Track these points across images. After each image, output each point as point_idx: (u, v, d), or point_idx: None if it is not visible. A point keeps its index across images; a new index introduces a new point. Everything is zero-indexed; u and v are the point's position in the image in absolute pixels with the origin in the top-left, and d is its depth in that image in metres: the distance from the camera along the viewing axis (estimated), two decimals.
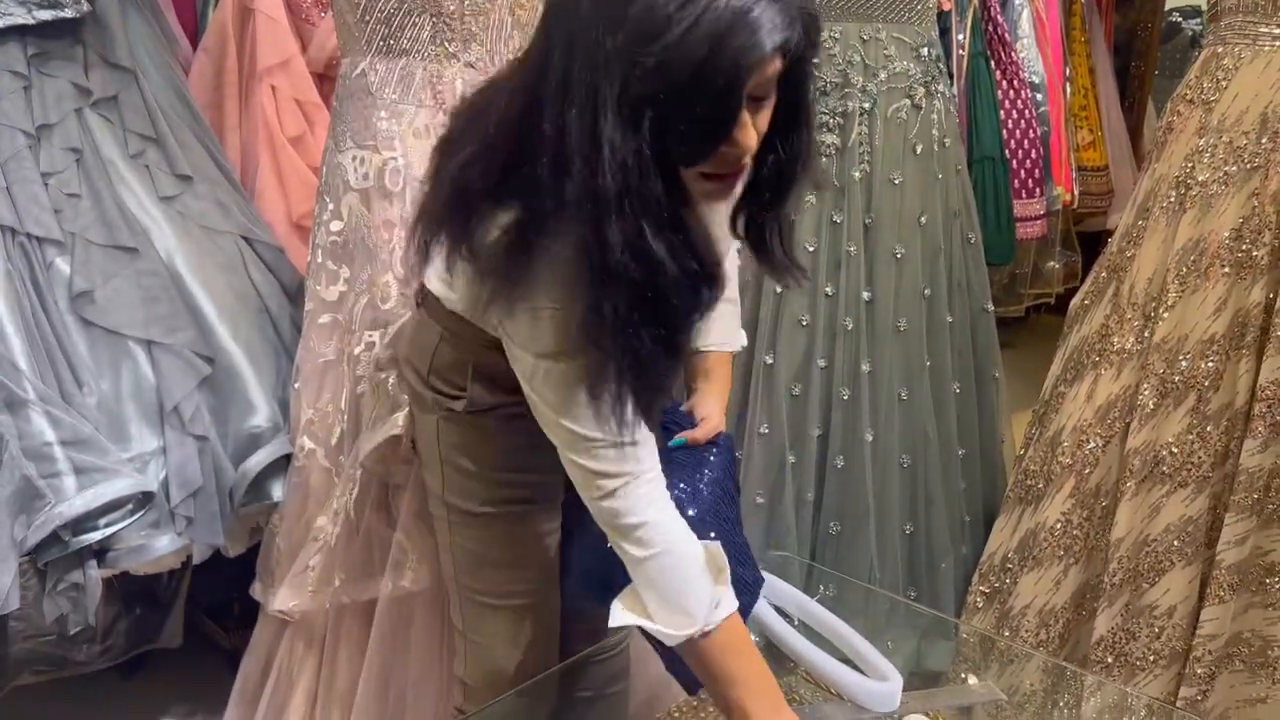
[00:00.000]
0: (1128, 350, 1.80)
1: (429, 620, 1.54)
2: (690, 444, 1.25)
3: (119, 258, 1.61)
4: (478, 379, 1.19)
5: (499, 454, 1.23)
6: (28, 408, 1.46)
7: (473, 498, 1.25)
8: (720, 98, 0.88)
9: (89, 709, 2.08)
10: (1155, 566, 1.73)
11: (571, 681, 1.43)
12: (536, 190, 0.93)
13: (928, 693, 1.35)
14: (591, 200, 0.89)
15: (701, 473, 1.19)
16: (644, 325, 0.95)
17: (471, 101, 1.11)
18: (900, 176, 1.98)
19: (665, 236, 0.91)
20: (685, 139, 0.90)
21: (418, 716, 1.56)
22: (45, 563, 1.49)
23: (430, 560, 1.50)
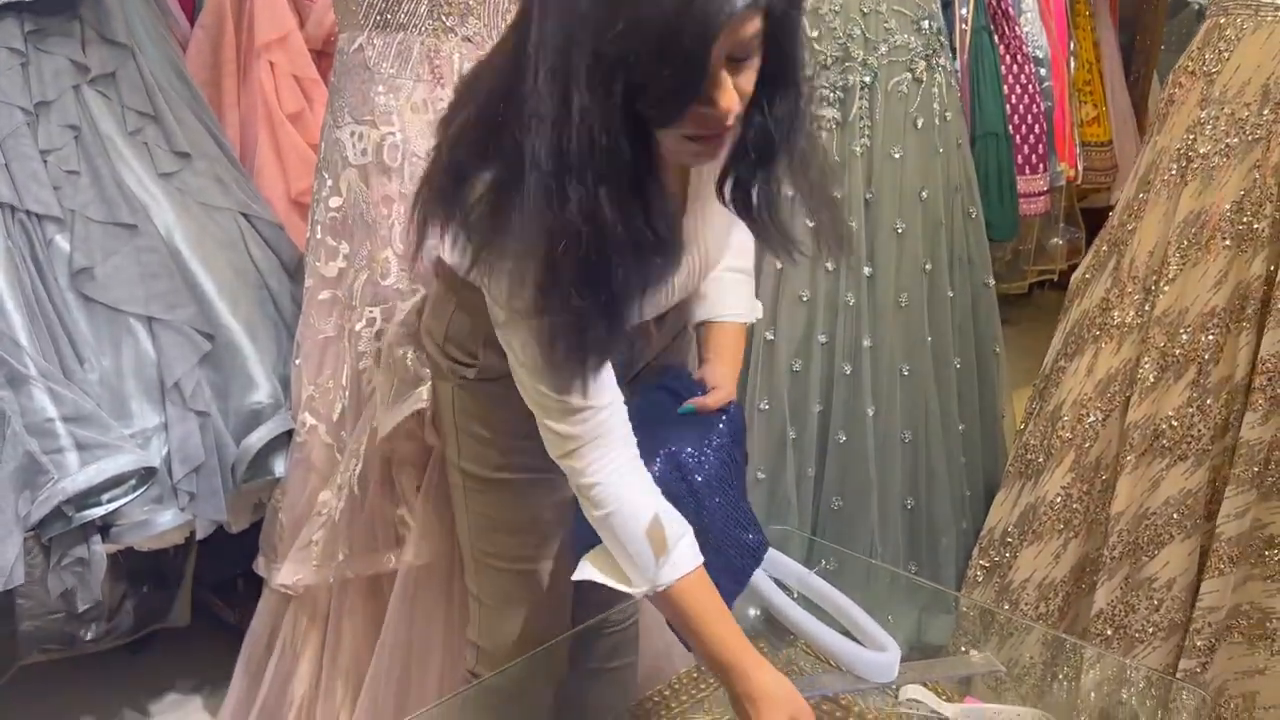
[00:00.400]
0: (1128, 324, 1.80)
1: (435, 593, 1.55)
2: (700, 411, 1.25)
3: (118, 234, 1.61)
4: (490, 346, 1.20)
5: (511, 420, 1.24)
6: (29, 384, 1.47)
7: (487, 464, 1.28)
8: (690, 57, 0.88)
9: (96, 685, 2.10)
10: (1154, 539, 1.74)
11: (581, 654, 1.44)
12: (514, 152, 0.94)
13: (926, 663, 1.36)
14: (555, 159, 0.90)
15: (710, 439, 1.20)
16: (590, 288, 0.96)
17: (468, 75, 1.12)
18: (901, 151, 1.97)
19: (622, 201, 0.92)
20: (658, 100, 0.90)
21: (424, 689, 1.57)
22: (50, 538, 1.50)
23: (433, 535, 1.51)
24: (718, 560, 1.15)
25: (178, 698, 2.12)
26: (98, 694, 2.09)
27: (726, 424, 1.25)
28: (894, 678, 1.26)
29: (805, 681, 1.32)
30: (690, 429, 1.22)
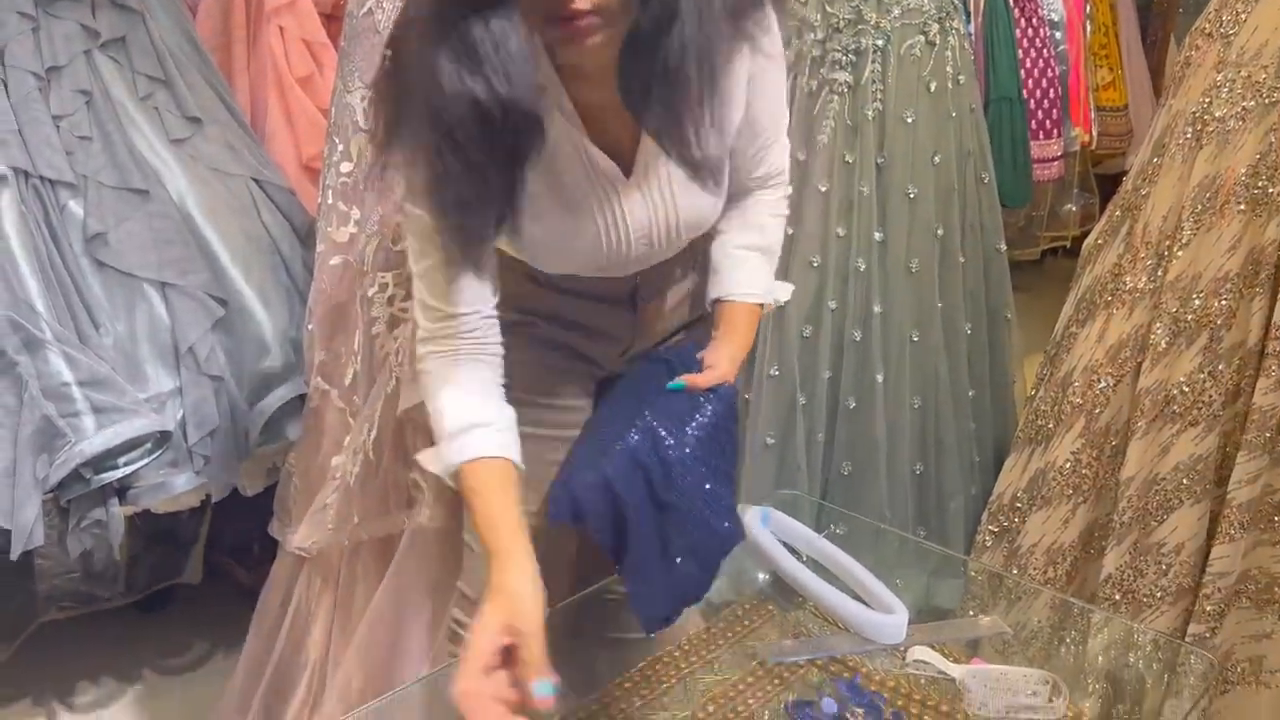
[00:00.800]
0: (1140, 289, 1.79)
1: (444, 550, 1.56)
2: (689, 388, 1.21)
3: (131, 200, 1.62)
4: None
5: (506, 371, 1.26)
6: (45, 348, 1.48)
7: None
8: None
9: (113, 644, 2.14)
10: (1164, 505, 1.74)
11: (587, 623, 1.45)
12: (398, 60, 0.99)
13: (934, 626, 1.37)
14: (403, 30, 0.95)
15: (692, 418, 1.17)
16: (451, 170, 0.98)
17: None
18: (913, 115, 1.96)
19: (466, 67, 0.94)
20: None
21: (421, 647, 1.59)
22: (68, 500, 1.52)
23: (445, 498, 1.53)
24: (681, 542, 1.12)
25: (193, 658, 2.16)
26: (114, 652, 2.13)
27: (714, 405, 1.21)
28: (902, 639, 1.27)
29: (813, 643, 1.34)
30: (675, 404, 1.19)
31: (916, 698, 1.23)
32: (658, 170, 1.13)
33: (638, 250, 1.19)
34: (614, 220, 1.14)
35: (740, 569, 1.54)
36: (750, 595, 1.46)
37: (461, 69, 0.94)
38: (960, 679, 1.22)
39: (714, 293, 1.28)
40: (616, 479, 1.08)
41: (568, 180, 1.11)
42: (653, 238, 1.18)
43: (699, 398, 1.21)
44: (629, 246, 1.17)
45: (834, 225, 1.97)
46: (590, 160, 1.10)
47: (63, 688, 2.04)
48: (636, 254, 1.19)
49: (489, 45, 0.94)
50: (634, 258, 1.20)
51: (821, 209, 1.97)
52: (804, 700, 1.19)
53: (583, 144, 1.09)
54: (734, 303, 1.27)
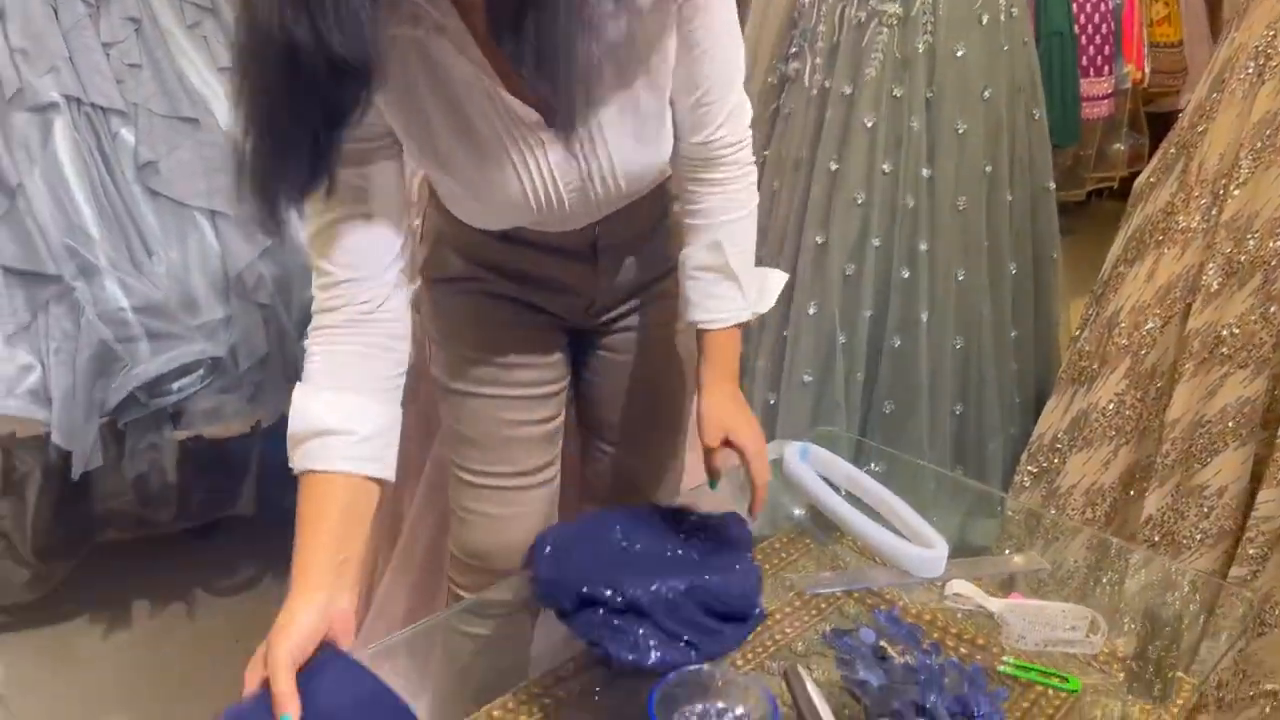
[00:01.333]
0: (1193, 229, 1.76)
1: None
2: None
3: (180, 128, 1.63)
4: (431, 258, 1.22)
5: (453, 328, 1.24)
6: (101, 275, 1.51)
7: (443, 371, 1.27)
8: None
9: (165, 565, 2.21)
10: (1209, 447, 1.73)
11: None
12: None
13: (972, 561, 1.38)
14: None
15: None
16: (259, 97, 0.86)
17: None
18: (964, 48, 1.92)
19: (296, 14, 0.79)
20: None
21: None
22: (124, 424, 1.56)
23: None
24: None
25: (243, 580, 2.22)
26: (167, 573, 2.19)
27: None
28: (940, 574, 1.28)
29: (851, 575, 1.36)
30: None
31: (953, 630, 1.24)
32: (584, 117, 1.01)
33: (573, 204, 1.10)
34: (538, 172, 1.05)
35: (777, 503, 1.56)
36: (787, 529, 1.47)
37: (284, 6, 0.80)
38: (999, 613, 1.23)
39: (687, 315, 1.23)
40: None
41: (483, 130, 1.02)
42: (586, 191, 1.10)
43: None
44: (560, 201, 1.09)
45: (880, 161, 1.95)
46: (505, 107, 1.00)
47: (117, 605, 2.12)
48: (573, 208, 1.11)
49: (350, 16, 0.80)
50: (572, 212, 1.12)
51: (867, 144, 1.95)
52: (841, 630, 1.20)
53: (495, 91, 0.99)
54: (708, 331, 1.22)
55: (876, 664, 1.09)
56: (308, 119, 0.86)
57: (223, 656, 2.00)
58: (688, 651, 1.03)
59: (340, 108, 0.87)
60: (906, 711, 0.99)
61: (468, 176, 1.06)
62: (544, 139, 1.03)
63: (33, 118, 1.53)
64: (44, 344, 1.52)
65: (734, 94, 1.14)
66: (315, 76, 0.82)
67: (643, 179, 1.15)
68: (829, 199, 1.99)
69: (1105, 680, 1.17)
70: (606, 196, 1.12)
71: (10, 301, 1.52)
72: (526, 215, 1.11)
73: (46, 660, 1.99)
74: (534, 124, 1.01)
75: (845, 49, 1.93)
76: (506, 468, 1.28)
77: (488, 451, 1.27)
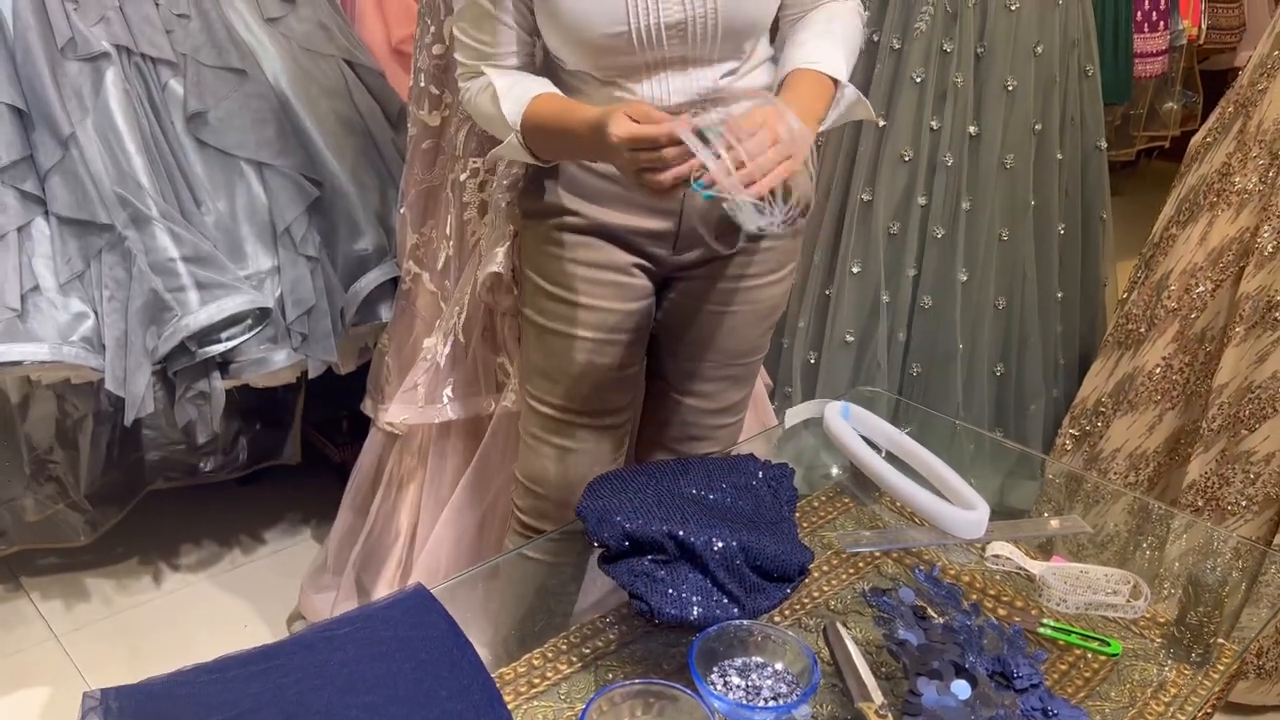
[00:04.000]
0: (1249, 190, 1.72)
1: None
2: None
3: (228, 79, 1.64)
4: (528, 189, 1.27)
5: (540, 263, 1.29)
6: (152, 224, 1.53)
7: (531, 306, 1.33)
8: None
9: (211, 513, 2.26)
10: (1257, 413, 1.71)
11: None
12: None
13: (1013, 523, 1.37)
14: None
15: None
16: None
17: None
18: (1017, 2, 1.87)
19: None
20: None
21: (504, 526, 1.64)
22: (174, 372, 1.59)
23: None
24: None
25: (287, 527, 2.27)
26: (213, 520, 2.24)
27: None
28: (981, 535, 1.28)
29: (890, 534, 1.36)
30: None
31: (992, 592, 1.25)
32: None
33: (669, 32, 1.12)
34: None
35: (815, 462, 1.56)
36: (826, 488, 1.47)
37: None
38: (1040, 575, 1.23)
39: (782, 69, 1.19)
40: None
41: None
42: (686, 17, 1.12)
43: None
44: (658, 21, 1.11)
45: (928, 117, 1.92)
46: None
47: (166, 550, 2.17)
48: (669, 37, 1.13)
49: None
50: (666, 41, 1.13)
51: (916, 100, 1.92)
52: (880, 589, 1.21)
53: None
54: (798, 70, 1.16)
55: (916, 623, 1.09)
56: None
57: (267, 598, 2.05)
58: (730, 608, 1.05)
59: None
60: (946, 671, 0.99)
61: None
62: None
63: (84, 67, 1.55)
64: (97, 292, 1.54)
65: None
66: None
67: (739, 19, 1.15)
68: (876, 156, 1.96)
69: (1143, 644, 1.16)
70: (702, 33, 1.14)
71: (64, 250, 1.54)
72: (619, 35, 1.13)
73: (99, 602, 2.05)
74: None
75: (895, 2, 1.90)
76: (569, 402, 1.34)
77: (557, 385, 1.34)
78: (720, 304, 1.35)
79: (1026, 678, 1.02)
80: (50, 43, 1.53)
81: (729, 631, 1.04)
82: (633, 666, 1.09)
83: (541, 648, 1.12)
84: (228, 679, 0.91)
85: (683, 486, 1.17)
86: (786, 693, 1.01)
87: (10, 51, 1.53)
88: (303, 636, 0.98)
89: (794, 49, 1.20)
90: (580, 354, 1.30)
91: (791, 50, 1.21)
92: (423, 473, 1.69)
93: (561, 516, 1.38)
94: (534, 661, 1.10)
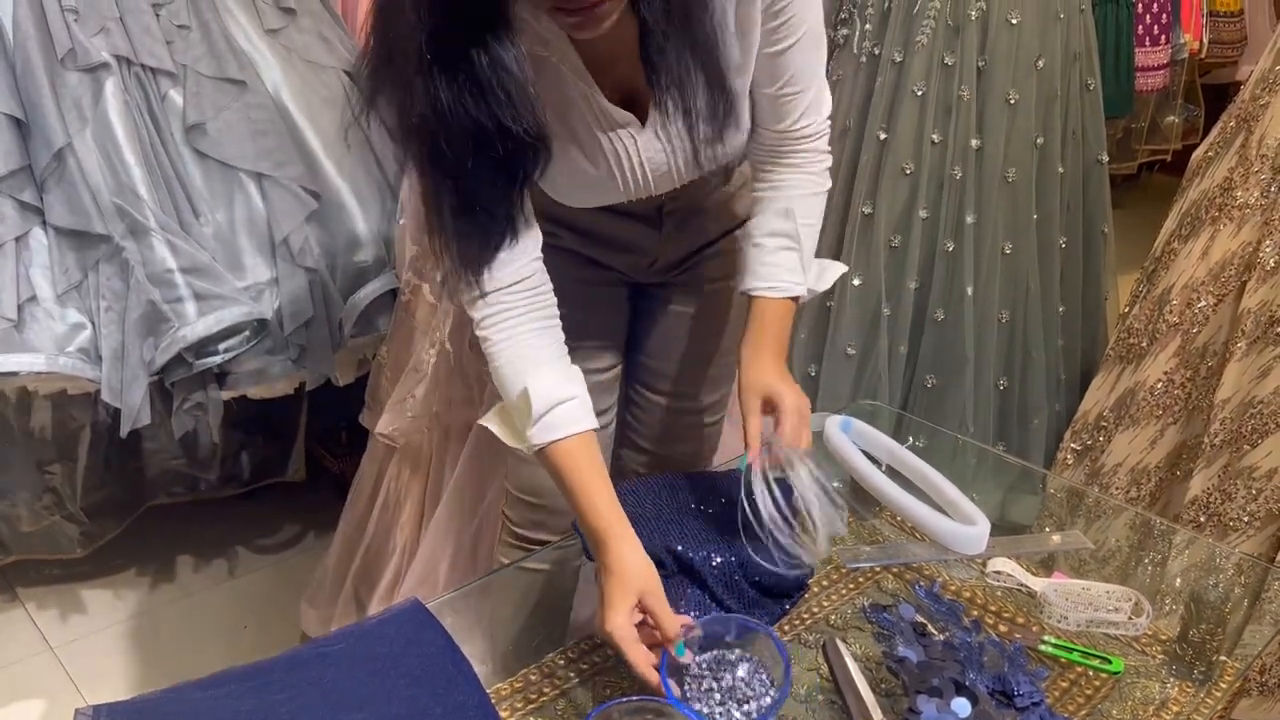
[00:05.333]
0: (1251, 205, 1.72)
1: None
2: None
3: (228, 90, 1.64)
4: None
5: None
6: (150, 235, 1.53)
7: None
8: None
9: (209, 525, 2.25)
10: (1259, 429, 1.70)
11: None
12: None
13: (1014, 539, 1.37)
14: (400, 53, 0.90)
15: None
16: (445, 177, 0.96)
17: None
18: (1019, 16, 1.87)
19: (460, 88, 0.90)
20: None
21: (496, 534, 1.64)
22: (171, 383, 1.58)
23: None
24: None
25: (286, 539, 2.26)
26: (213, 532, 2.24)
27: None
28: (982, 551, 1.27)
29: (891, 550, 1.35)
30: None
31: (993, 608, 1.23)
32: (673, 115, 1.06)
33: (660, 185, 1.17)
34: (631, 165, 1.12)
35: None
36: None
37: (463, 98, 0.90)
38: (1041, 591, 1.22)
39: (742, 285, 1.22)
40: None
41: (581, 131, 1.09)
42: (673, 173, 1.16)
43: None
44: (649, 184, 1.16)
45: (929, 131, 1.91)
46: (602, 112, 1.08)
47: (164, 562, 2.16)
48: (659, 187, 1.18)
49: (488, 72, 0.90)
50: (657, 190, 1.18)
51: (917, 113, 1.92)
52: (880, 605, 1.20)
53: (594, 98, 1.07)
54: (762, 299, 1.20)
55: (916, 640, 1.08)
56: (500, 188, 0.99)
57: (265, 611, 2.04)
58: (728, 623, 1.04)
59: (528, 170, 1.00)
60: (946, 689, 0.98)
61: (563, 167, 1.11)
62: (635, 135, 1.11)
63: (84, 78, 1.54)
64: (94, 303, 1.54)
65: (815, 85, 1.17)
66: (500, 152, 0.94)
67: (723, 159, 1.18)
68: (877, 168, 1.96)
69: (1145, 662, 1.15)
70: (689, 173, 1.18)
71: (61, 260, 1.54)
72: (615, 199, 1.18)
73: (95, 614, 2.04)
74: (628, 123, 1.09)
75: (896, 15, 1.90)
76: None
77: None
78: (693, 305, 1.36)
79: (1027, 695, 1.01)
80: (50, 53, 1.53)
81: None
82: (630, 683, 1.08)
83: (538, 663, 1.11)
84: (221, 695, 0.90)
85: (680, 500, 1.16)
86: (760, 692, 0.99)
87: (10, 61, 1.53)
88: (297, 653, 0.97)
89: (755, 259, 1.20)
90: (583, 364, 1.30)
91: (753, 258, 1.20)
92: (422, 485, 1.69)
93: (553, 524, 1.38)
94: (531, 677, 1.09)
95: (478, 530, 1.66)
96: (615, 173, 1.13)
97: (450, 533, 1.65)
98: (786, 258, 1.20)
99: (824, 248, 2.05)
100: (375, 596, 1.74)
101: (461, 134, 0.93)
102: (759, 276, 1.19)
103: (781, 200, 1.20)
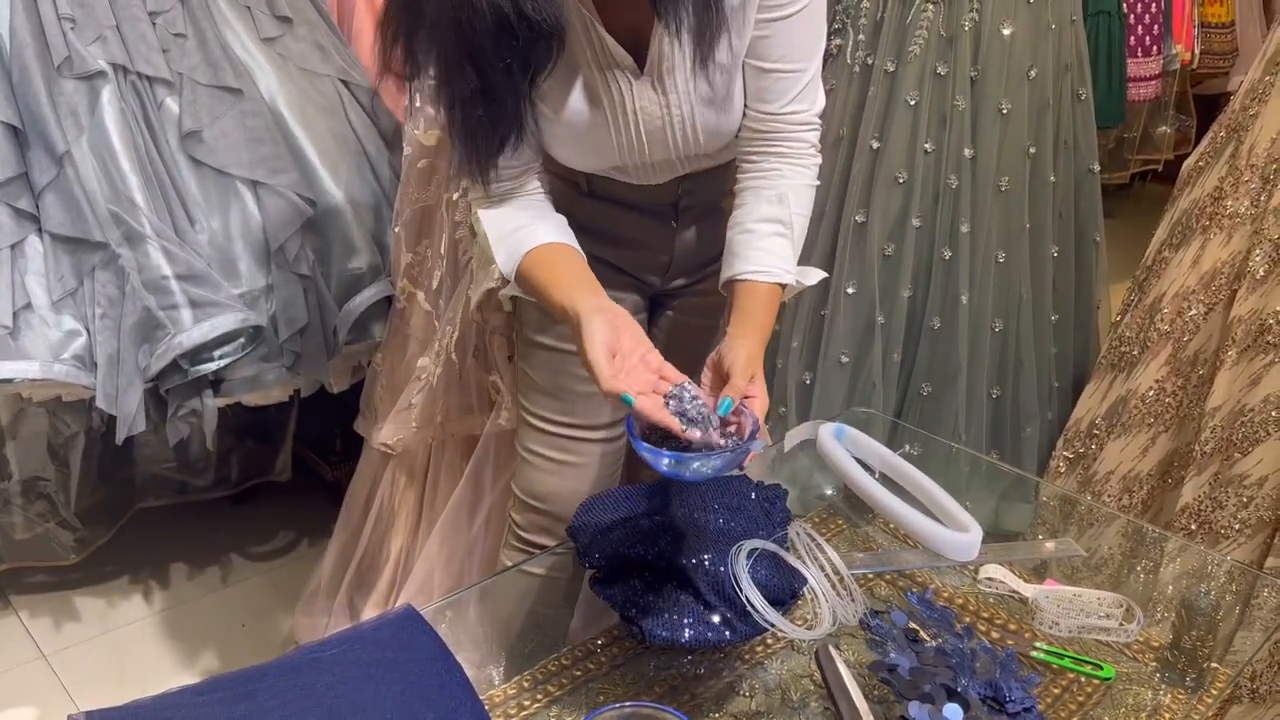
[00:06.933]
0: (1241, 214, 1.73)
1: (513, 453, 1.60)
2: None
3: (224, 98, 1.64)
4: None
5: None
6: (146, 242, 1.53)
7: (531, 326, 1.34)
8: None
9: (203, 531, 2.25)
10: (1250, 437, 1.71)
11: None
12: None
13: (1006, 546, 1.37)
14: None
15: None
16: (464, 71, 1.04)
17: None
18: (1011, 26, 1.89)
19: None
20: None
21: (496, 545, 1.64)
22: (166, 390, 1.58)
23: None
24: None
25: (279, 546, 2.26)
26: (206, 539, 2.24)
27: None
28: (974, 557, 1.27)
29: (884, 557, 1.35)
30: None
31: (985, 615, 1.24)
32: (671, 68, 1.11)
33: (654, 149, 1.17)
34: (623, 109, 1.13)
35: (809, 484, 1.55)
36: (820, 510, 1.47)
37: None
38: (1033, 598, 1.22)
39: (726, 273, 1.18)
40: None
41: (579, 60, 1.11)
42: (667, 137, 1.16)
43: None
44: (642, 142, 1.16)
45: (922, 140, 1.92)
46: (601, 43, 1.09)
47: (157, 569, 2.16)
48: (654, 155, 1.18)
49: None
50: (652, 160, 1.19)
51: (910, 123, 1.93)
52: (873, 611, 1.20)
53: (594, 26, 1.08)
54: (749, 283, 1.15)
55: (908, 646, 1.08)
56: (513, 78, 1.05)
57: (258, 618, 2.04)
58: (722, 630, 1.04)
59: (541, 63, 1.05)
60: (938, 695, 0.99)
61: (555, 101, 1.14)
62: (631, 79, 1.12)
63: (80, 86, 1.55)
64: (89, 310, 1.54)
65: (810, 71, 1.17)
66: (518, 40, 1.00)
67: (717, 137, 1.19)
68: (870, 177, 1.97)
69: (1137, 669, 1.16)
70: (684, 147, 1.18)
71: (57, 267, 1.54)
72: (608, 154, 1.19)
73: (88, 620, 2.03)
74: (625, 63, 1.11)
75: (889, 25, 1.91)
76: (569, 419, 1.35)
77: (553, 400, 1.35)
78: (708, 319, 1.38)
79: (1019, 701, 1.01)
80: (47, 61, 1.53)
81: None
82: (624, 689, 1.08)
83: (532, 669, 1.11)
84: (213, 701, 0.90)
85: (675, 507, 1.16)
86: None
87: (7, 69, 1.53)
88: (289, 659, 0.97)
89: (744, 244, 1.18)
90: (577, 369, 1.29)
91: (741, 244, 1.18)
92: (417, 493, 1.69)
93: (556, 529, 1.39)
94: (524, 683, 1.09)
95: (474, 541, 1.66)
96: (609, 119, 1.14)
97: (449, 543, 1.66)
98: (778, 244, 1.17)
99: (817, 256, 2.06)
100: (369, 605, 1.74)
101: (484, 20, 0.98)
102: (749, 261, 1.16)
103: (773, 189, 1.19)
